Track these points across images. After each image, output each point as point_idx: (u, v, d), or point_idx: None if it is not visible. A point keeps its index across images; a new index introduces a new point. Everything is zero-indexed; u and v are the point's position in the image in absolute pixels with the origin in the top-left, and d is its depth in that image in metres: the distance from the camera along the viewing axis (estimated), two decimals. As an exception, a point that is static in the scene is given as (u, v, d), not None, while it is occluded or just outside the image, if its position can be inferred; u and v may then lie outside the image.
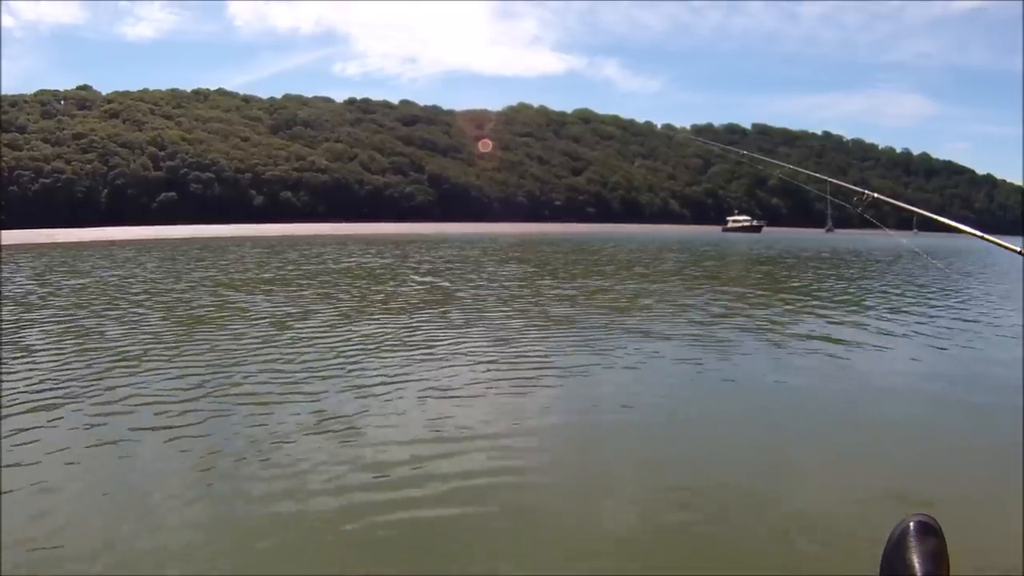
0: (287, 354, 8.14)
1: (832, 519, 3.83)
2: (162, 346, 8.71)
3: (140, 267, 22.73)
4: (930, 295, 16.18)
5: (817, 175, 3.96)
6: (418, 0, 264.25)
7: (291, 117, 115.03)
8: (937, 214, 3.09)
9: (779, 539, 3.62)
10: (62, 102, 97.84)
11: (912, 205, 3.31)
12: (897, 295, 16.03)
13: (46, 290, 15.59)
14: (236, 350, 8.43)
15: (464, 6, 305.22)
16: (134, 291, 15.35)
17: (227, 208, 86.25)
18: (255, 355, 8.13)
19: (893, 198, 3.31)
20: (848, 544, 3.47)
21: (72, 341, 9.11)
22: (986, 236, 2.72)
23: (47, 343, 8.94)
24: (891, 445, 5.16)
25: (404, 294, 15.22)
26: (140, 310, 12.15)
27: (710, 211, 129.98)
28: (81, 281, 17.82)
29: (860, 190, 3.19)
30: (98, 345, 8.78)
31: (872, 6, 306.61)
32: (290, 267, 22.98)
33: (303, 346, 8.68)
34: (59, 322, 10.73)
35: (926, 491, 4.24)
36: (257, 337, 9.35)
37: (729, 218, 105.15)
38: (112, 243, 41.69)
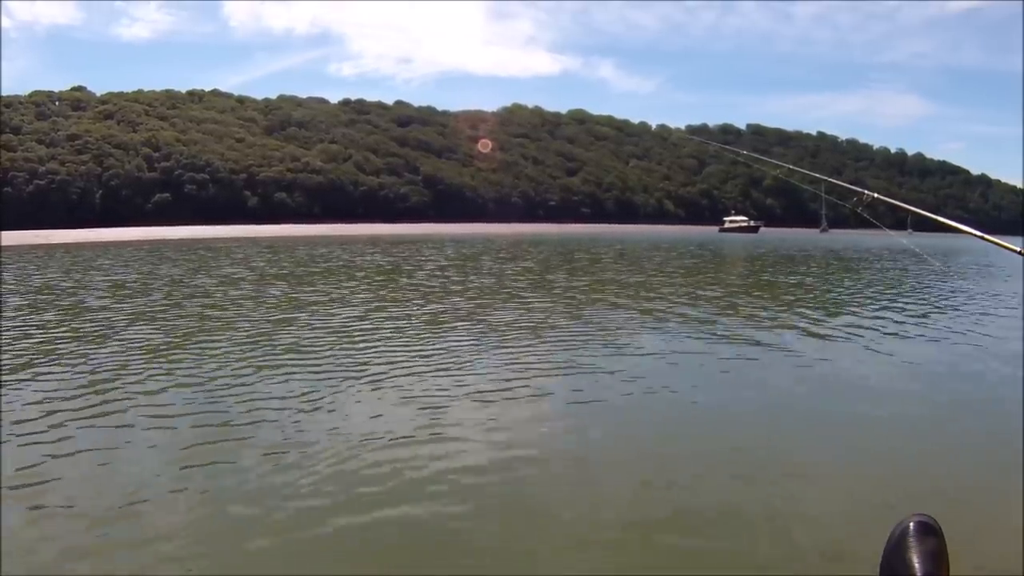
0: (306, 344, 8.35)
1: (832, 519, 3.83)
2: (224, 332, 9.57)
3: (154, 266, 23.01)
4: (927, 294, 16.22)
5: (815, 175, 3.96)
6: (413, 0, 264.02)
7: (286, 118, 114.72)
8: (933, 214, 3.09)
9: (779, 539, 3.61)
10: (57, 103, 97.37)
11: (909, 205, 3.32)
12: (894, 294, 16.06)
13: (85, 285, 16.01)
14: (291, 336, 9.28)
15: (459, 6, 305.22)
16: (167, 287, 15.70)
17: (222, 209, 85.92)
18: (295, 342, 8.89)
19: (889, 198, 3.31)
20: (848, 544, 3.47)
21: (145, 325, 10.11)
22: (986, 236, 2.72)
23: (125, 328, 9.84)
24: (890, 445, 5.15)
25: (419, 289, 15.66)
26: (189, 302, 12.79)
27: (705, 211, 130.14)
28: (112, 278, 18.20)
29: (858, 190, 3.19)
30: (159, 328, 9.83)
31: (867, 6, 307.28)
32: (306, 265, 23.38)
33: (319, 336, 8.92)
34: (123, 312, 11.64)
35: (926, 491, 4.24)
36: (297, 325, 10.27)
37: (726, 218, 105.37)
38: (109, 244, 41.53)
